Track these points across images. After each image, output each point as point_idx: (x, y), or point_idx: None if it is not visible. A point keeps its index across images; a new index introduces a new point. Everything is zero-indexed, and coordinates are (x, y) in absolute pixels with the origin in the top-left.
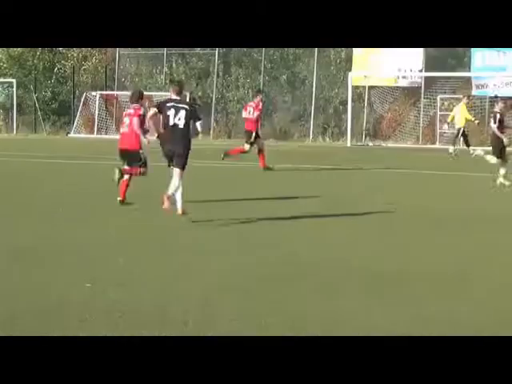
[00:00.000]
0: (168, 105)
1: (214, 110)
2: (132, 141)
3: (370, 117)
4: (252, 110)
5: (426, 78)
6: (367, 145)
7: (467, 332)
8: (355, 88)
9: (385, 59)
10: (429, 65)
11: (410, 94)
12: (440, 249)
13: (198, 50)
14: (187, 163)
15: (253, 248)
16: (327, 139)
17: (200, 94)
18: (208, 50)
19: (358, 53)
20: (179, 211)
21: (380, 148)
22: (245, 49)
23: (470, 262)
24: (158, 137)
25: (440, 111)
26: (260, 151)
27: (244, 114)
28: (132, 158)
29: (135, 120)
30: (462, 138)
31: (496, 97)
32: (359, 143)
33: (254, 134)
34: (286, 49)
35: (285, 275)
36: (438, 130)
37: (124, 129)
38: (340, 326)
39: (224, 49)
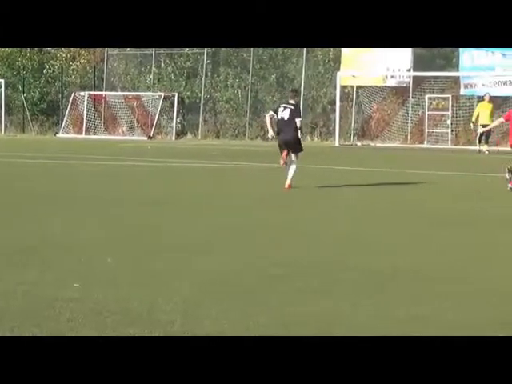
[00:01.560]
0: (281, 105)
1: (202, 109)
2: None
3: (359, 116)
4: None
5: (415, 78)
6: (355, 144)
7: (463, 332)
8: (343, 88)
9: (373, 59)
10: (417, 64)
11: (399, 93)
12: (437, 248)
13: (186, 49)
14: (301, 149)
15: (241, 247)
16: (315, 139)
17: (189, 93)
18: (196, 50)
19: (347, 52)
20: (286, 185)
21: (369, 148)
22: (233, 49)
23: (467, 262)
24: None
25: (428, 111)
26: None
27: None
28: None
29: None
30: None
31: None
32: (347, 143)
33: None
34: (274, 49)
35: (275, 275)
36: (427, 130)
37: None
38: (333, 326)
39: (213, 49)
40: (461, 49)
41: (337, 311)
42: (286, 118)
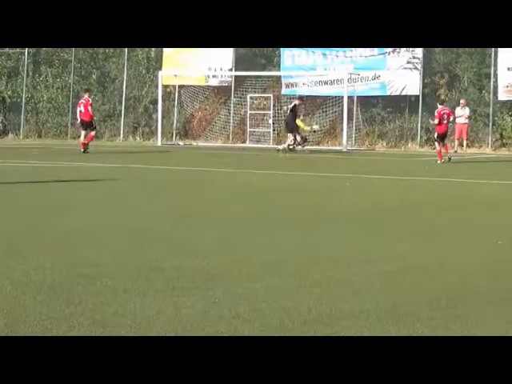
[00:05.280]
0: None
1: (24, 109)
2: None
3: (181, 116)
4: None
5: (236, 77)
6: (178, 144)
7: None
8: (165, 87)
9: (195, 58)
10: (239, 64)
11: (221, 93)
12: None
13: (6, 48)
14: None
15: (51, 249)
16: (138, 138)
17: (10, 93)
18: (17, 50)
19: (169, 52)
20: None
21: (192, 147)
22: (54, 49)
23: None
24: None
25: (250, 110)
26: None
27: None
28: None
29: None
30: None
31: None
32: (169, 142)
33: None
34: (95, 48)
35: (87, 274)
36: (248, 129)
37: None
38: (153, 325)
39: (33, 48)
40: (282, 48)
41: (155, 310)
42: None
